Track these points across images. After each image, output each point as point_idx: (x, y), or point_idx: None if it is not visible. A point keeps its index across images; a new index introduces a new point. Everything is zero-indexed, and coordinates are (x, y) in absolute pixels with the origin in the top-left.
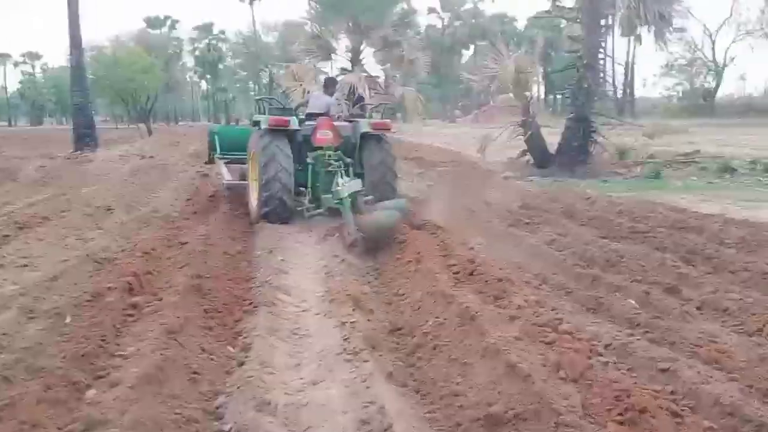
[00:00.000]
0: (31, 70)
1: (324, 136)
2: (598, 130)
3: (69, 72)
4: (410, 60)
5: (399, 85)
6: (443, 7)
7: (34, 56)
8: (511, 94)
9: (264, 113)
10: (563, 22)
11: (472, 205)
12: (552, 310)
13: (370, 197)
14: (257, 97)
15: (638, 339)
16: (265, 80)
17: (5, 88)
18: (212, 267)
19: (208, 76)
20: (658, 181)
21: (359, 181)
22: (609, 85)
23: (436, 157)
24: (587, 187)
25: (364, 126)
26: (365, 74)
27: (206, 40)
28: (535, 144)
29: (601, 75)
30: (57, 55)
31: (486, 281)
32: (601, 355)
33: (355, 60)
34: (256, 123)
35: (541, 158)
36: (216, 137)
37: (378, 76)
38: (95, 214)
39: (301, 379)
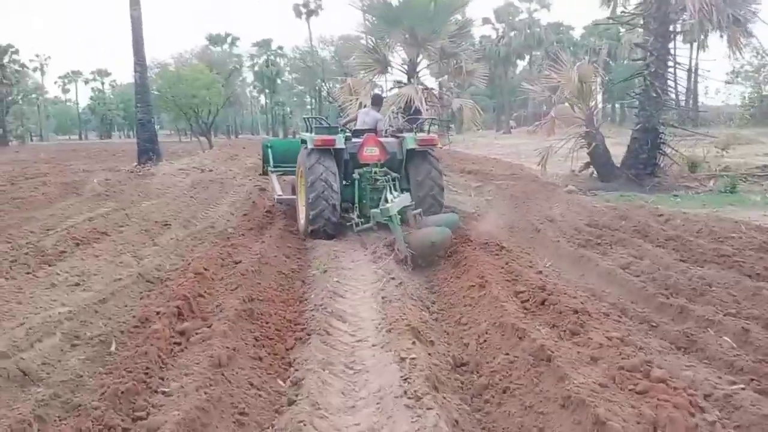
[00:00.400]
0: (100, 87)
1: (370, 153)
2: (666, 141)
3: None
4: (468, 71)
5: (456, 96)
6: (498, 18)
7: (103, 73)
8: (570, 104)
9: (311, 131)
10: (621, 31)
11: (536, 222)
12: (639, 349)
13: (419, 210)
14: (305, 116)
15: (743, 388)
16: (323, 93)
17: (77, 103)
18: (265, 288)
19: (267, 91)
20: (735, 196)
21: (408, 195)
22: (675, 93)
23: (494, 169)
24: (658, 203)
25: (410, 142)
26: (422, 86)
27: (265, 56)
28: (599, 156)
29: (671, 84)
30: (125, 72)
31: (560, 312)
32: (703, 410)
33: (411, 72)
34: (304, 141)
35: (605, 171)
36: (269, 150)
37: (433, 89)
38: (152, 229)
39: (357, 425)
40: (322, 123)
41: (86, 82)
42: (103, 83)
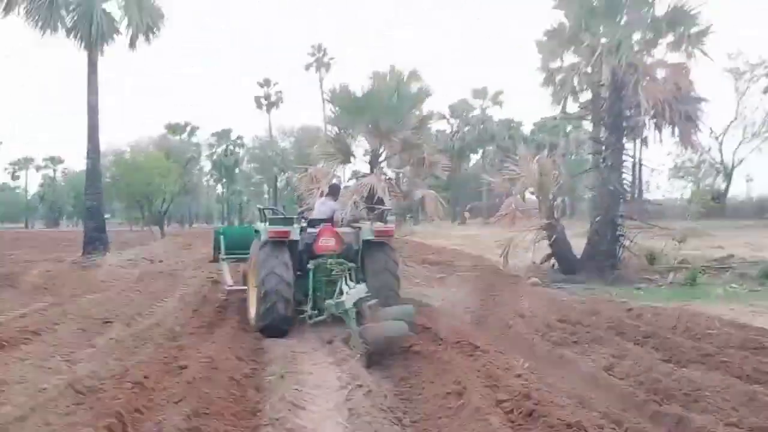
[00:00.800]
0: (52, 174)
1: (326, 243)
2: (625, 234)
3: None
4: (431, 162)
5: (419, 187)
6: (453, 113)
7: (56, 161)
8: (528, 196)
9: (265, 221)
10: (569, 128)
11: (506, 317)
12: None
13: (374, 302)
14: (259, 206)
15: None
16: (280, 184)
17: (26, 191)
18: (214, 399)
19: (224, 180)
20: (696, 289)
21: (363, 286)
22: (632, 186)
23: (455, 260)
24: (622, 296)
25: (367, 233)
26: (385, 176)
27: (224, 146)
28: (560, 248)
29: (625, 177)
30: (78, 160)
31: (551, 426)
32: None
33: (374, 162)
34: (257, 231)
35: (567, 263)
36: (221, 237)
37: (394, 179)
38: (90, 328)
39: None
40: (277, 213)
41: (38, 169)
42: (55, 170)
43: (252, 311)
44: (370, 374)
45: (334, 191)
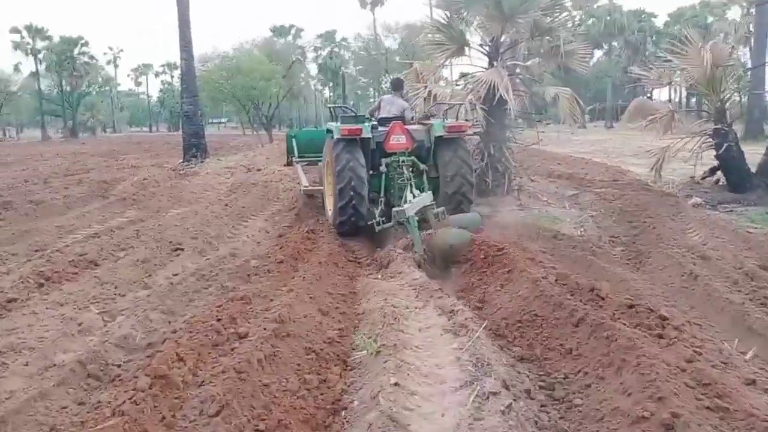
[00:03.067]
0: (170, 80)
1: (397, 141)
2: None
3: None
4: (567, 52)
5: (550, 84)
6: (574, 4)
7: (173, 66)
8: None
9: (336, 120)
10: (710, 18)
11: (677, 257)
12: None
13: (441, 209)
14: (329, 105)
15: None
16: (385, 86)
17: (149, 96)
18: (277, 391)
19: (331, 84)
20: None
21: (429, 194)
22: None
23: (588, 172)
24: None
25: (438, 129)
26: (507, 71)
27: (328, 48)
28: (731, 160)
29: None
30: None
31: None
32: None
33: (494, 54)
34: (330, 131)
35: (738, 179)
36: (293, 140)
37: (517, 74)
38: (155, 258)
39: None
40: (347, 112)
41: (156, 74)
42: (172, 76)
43: (329, 209)
44: (502, 352)
45: (398, 86)
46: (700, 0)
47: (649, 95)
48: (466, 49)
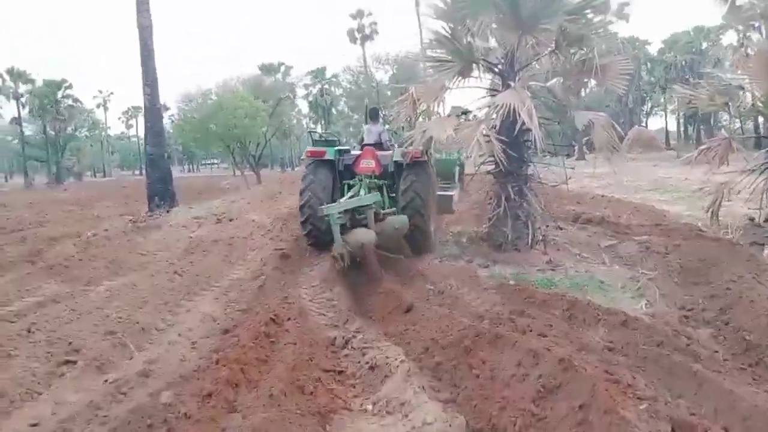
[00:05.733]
0: None
1: (366, 165)
2: None
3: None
4: (602, 66)
5: (581, 108)
6: None
7: (163, 108)
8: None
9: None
10: (704, 44)
11: None
12: None
13: (381, 213)
14: (310, 131)
15: None
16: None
17: (138, 139)
18: None
19: (322, 122)
20: None
21: (373, 195)
22: None
23: (617, 213)
24: None
25: (396, 155)
26: (528, 92)
27: (319, 85)
28: None
29: None
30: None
31: None
32: None
33: (509, 72)
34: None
35: None
36: None
37: (542, 96)
38: (19, 385)
39: None
40: (323, 137)
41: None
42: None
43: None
44: None
45: (373, 115)
46: (694, 26)
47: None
48: (476, 65)
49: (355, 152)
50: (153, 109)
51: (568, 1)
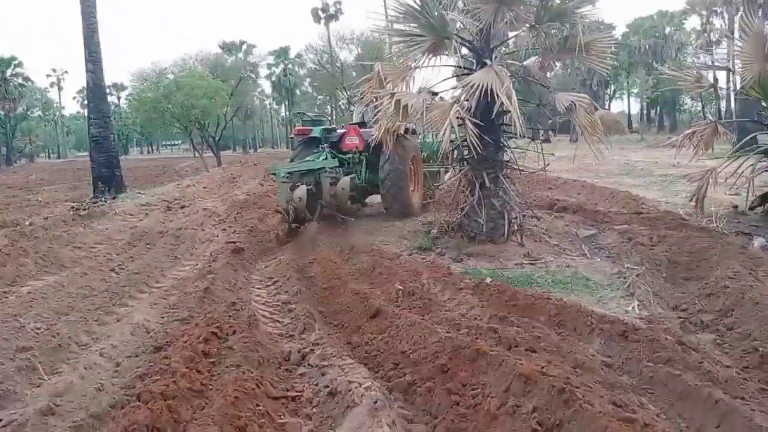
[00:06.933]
0: (116, 101)
1: (351, 141)
2: None
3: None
4: (587, 44)
5: (563, 89)
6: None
7: (119, 87)
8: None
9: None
10: (668, 28)
11: None
12: None
13: (338, 177)
14: (297, 112)
15: None
16: (342, 102)
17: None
18: None
19: (286, 102)
20: None
21: (328, 161)
22: None
23: (596, 201)
24: None
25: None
26: (506, 71)
27: (282, 66)
28: None
29: None
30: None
31: None
32: None
33: (485, 49)
34: None
35: None
36: None
37: (520, 76)
38: None
39: None
40: (310, 117)
41: None
42: (119, 97)
43: None
44: None
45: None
46: (657, 10)
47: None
48: (449, 41)
49: (340, 131)
50: (96, 88)
51: None
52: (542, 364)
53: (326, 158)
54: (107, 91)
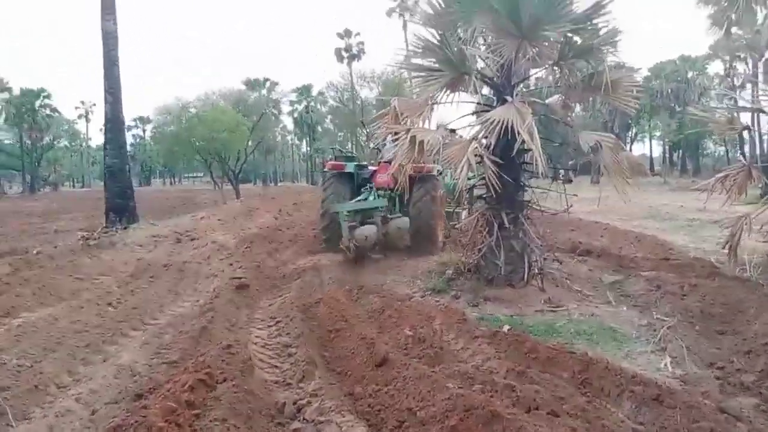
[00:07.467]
0: (141, 134)
1: (382, 179)
2: None
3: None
4: (613, 81)
5: (588, 127)
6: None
7: (144, 120)
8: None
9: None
10: (690, 72)
11: None
12: None
13: (389, 216)
14: (331, 147)
15: None
16: (362, 139)
17: None
18: None
19: (307, 138)
20: None
21: (380, 201)
22: None
23: (620, 245)
24: None
25: (408, 170)
26: (528, 108)
27: (305, 102)
28: None
29: None
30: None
31: None
32: None
33: (506, 86)
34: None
35: None
36: None
37: (543, 114)
38: None
39: None
40: (343, 153)
41: (128, 129)
42: (144, 130)
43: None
44: None
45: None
46: (679, 55)
47: (628, 150)
48: (469, 76)
49: (372, 168)
50: (114, 119)
51: (569, 9)
52: None
53: (375, 198)
54: (134, 123)
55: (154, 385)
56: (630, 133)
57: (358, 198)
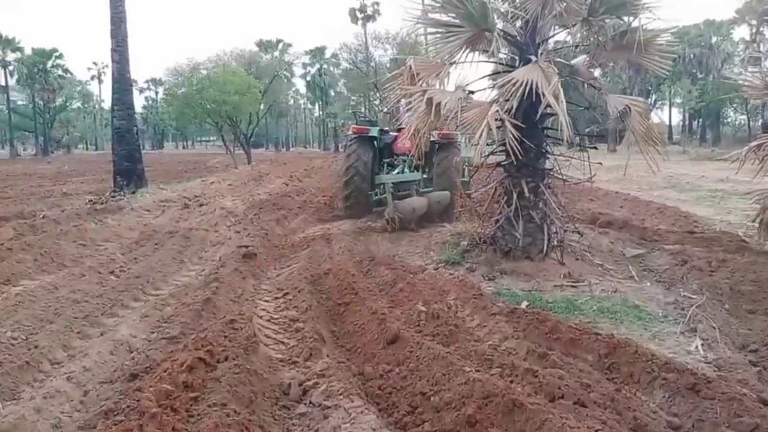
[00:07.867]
0: (154, 96)
1: (403, 144)
2: None
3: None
4: (647, 41)
5: (616, 91)
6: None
7: (157, 83)
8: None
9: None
10: (714, 38)
11: None
12: None
13: (427, 188)
14: (353, 111)
15: None
16: (375, 102)
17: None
18: None
19: (320, 102)
20: None
21: (417, 174)
22: None
23: (642, 215)
24: None
25: (433, 135)
26: (554, 68)
27: (318, 65)
28: None
29: None
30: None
31: None
32: None
33: (530, 45)
34: None
35: None
36: None
37: (568, 75)
38: None
39: None
40: (365, 117)
41: (141, 91)
42: (156, 92)
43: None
44: None
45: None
46: (704, 19)
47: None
48: (490, 33)
49: (393, 133)
50: (121, 79)
51: None
52: (595, 426)
53: (410, 171)
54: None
55: (151, 363)
56: (650, 99)
57: (396, 172)
